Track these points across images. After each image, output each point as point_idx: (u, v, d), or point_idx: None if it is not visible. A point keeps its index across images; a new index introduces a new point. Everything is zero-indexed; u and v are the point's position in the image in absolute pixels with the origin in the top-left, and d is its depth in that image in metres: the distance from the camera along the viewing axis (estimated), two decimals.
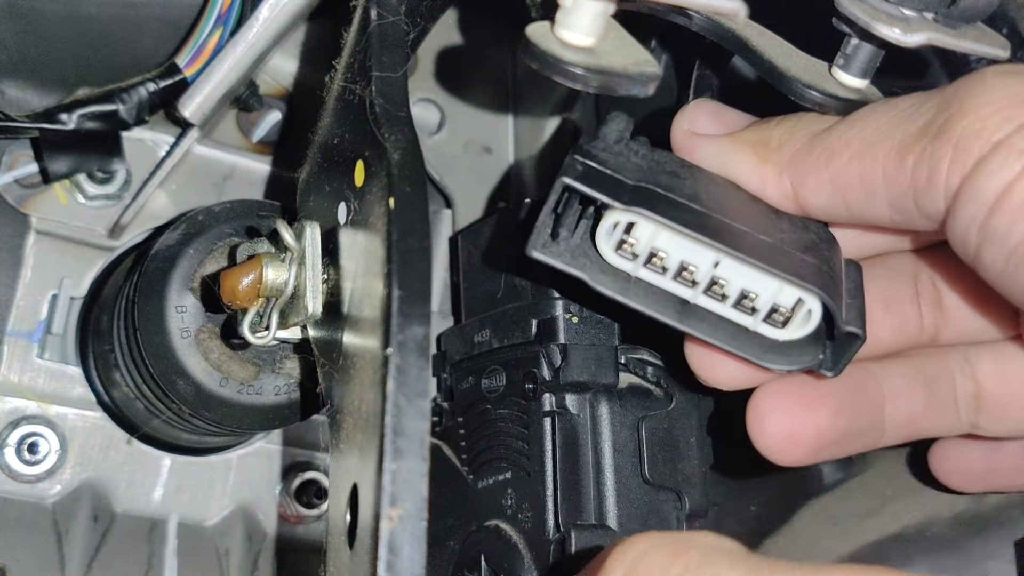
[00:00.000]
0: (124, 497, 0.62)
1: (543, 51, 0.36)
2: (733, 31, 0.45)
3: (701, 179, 0.43)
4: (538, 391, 0.52)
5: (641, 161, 0.43)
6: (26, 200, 0.61)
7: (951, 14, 0.42)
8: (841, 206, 0.40)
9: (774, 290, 0.41)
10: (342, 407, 0.42)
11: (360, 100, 0.43)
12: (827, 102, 0.43)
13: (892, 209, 0.39)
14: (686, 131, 0.44)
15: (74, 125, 0.57)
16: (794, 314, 0.42)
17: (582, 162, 0.41)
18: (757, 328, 0.42)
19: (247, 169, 0.66)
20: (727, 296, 0.42)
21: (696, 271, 0.41)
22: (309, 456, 0.67)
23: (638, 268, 0.42)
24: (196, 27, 0.57)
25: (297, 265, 0.47)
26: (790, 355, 0.43)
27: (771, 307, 0.41)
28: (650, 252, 0.41)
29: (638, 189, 0.41)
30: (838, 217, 0.41)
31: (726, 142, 0.43)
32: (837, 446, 0.44)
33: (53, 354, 0.62)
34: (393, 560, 0.33)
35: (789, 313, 0.42)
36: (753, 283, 0.41)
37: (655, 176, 0.42)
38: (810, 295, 0.41)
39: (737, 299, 0.42)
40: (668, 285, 0.42)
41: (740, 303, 0.42)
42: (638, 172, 0.42)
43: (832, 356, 0.42)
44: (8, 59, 0.60)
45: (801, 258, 0.41)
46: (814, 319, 0.41)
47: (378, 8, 0.44)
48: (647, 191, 0.41)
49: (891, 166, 0.38)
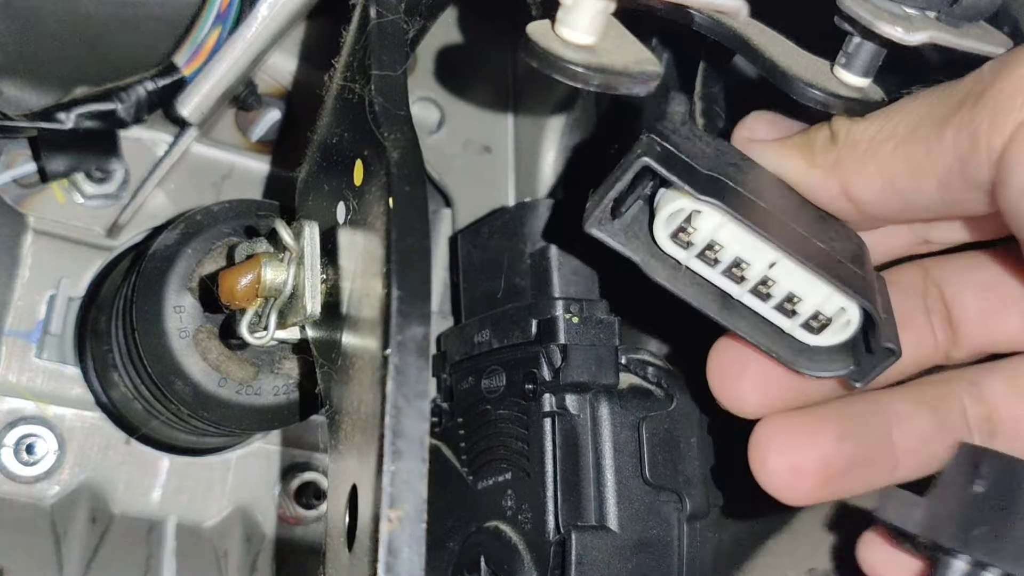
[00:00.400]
0: (122, 498, 0.62)
1: (544, 49, 0.36)
2: (734, 29, 0.45)
3: (761, 176, 0.43)
4: (538, 391, 0.52)
5: (707, 148, 0.42)
6: (24, 199, 0.61)
7: (953, 12, 0.41)
8: (892, 196, 0.39)
9: (822, 297, 0.41)
10: (341, 408, 0.42)
11: (359, 99, 0.43)
12: (829, 101, 0.43)
13: (941, 188, 0.37)
14: (743, 138, 0.44)
15: (72, 124, 0.57)
16: (833, 322, 0.41)
17: (659, 143, 0.40)
18: (793, 331, 0.42)
19: (246, 168, 0.66)
20: (771, 296, 0.41)
21: (749, 268, 0.41)
22: (308, 457, 0.67)
23: (690, 258, 0.41)
24: (194, 26, 0.57)
25: (296, 265, 0.47)
26: (819, 361, 0.43)
27: (813, 312, 0.41)
28: (708, 243, 0.41)
29: (711, 179, 0.40)
30: (890, 209, 0.40)
31: (775, 146, 0.43)
32: (848, 477, 0.43)
33: (51, 354, 0.62)
34: (392, 561, 0.33)
35: (828, 320, 0.41)
36: (802, 287, 0.41)
37: (723, 166, 0.41)
38: (855, 306, 0.41)
39: (781, 301, 0.41)
40: (716, 278, 0.42)
41: (783, 305, 0.42)
42: (707, 160, 0.41)
43: (861, 368, 0.42)
44: (6, 58, 0.60)
45: (851, 268, 0.41)
46: (851, 329, 0.41)
47: (377, 6, 0.44)
48: (718, 181, 0.40)
49: (933, 142, 0.37)
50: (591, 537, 0.49)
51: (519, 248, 0.56)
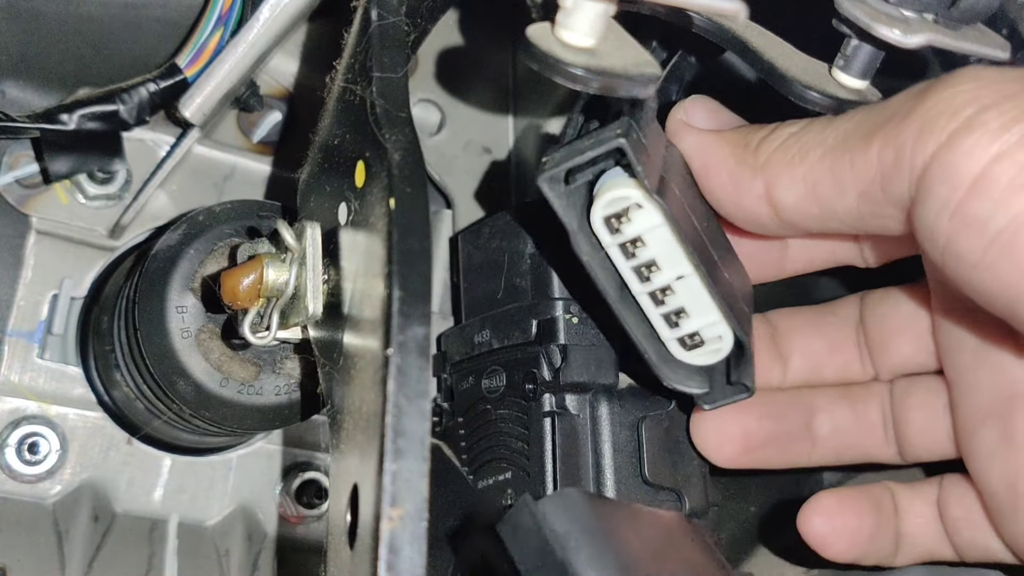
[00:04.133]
0: (124, 497, 0.62)
1: (543, 52, 0.36)
2: (733, 32, 0.45)
3: (696, 195, 0.45)
4: (538, 391, 0.52)
5: (663, 151, 0.44)
6: (27, 200, 0.61)
7: (951, 15, 0.42)
8: (812, 203, 0.40)
9: (708, 321, 0.44)
10: (342, 407, 0.43)
11: (361, 101, 0.43)
12: (827, 103, 0.43)
13: (861, 200, 0.38)
14: (680, 120, 0.45)
15: (75, 125, 0.57)
16: (705, 345, 0.44)
17: (637, 131, 0.41)
18: (668, 342, 0.45)
19: (247, 169, 0.66)
20: (664, 304, 0.44)
21: (658, 273, 0.43)
22: (309, 456, 0.67)
23: (612, 244, 0.43)
24: (197, 27, 0.57)
25: (298, 265, 0.47)
26: (679, 374, 0.46)
27: (693, 331, 0.44)
28: (635, 238, 0.43)
29: (664, 180, 0.42)
30: (808, 216, 0.41)
31: (710, 136, 0.44)
32: (768, 449, 0.50)
33: (53, 354, 0.62)
34: (394, 560, 0.33)
35: (701, 342, 0.44)
36: (695, 306, 0.43)
37: (672, 174, 0.43)
38: (732, 338, 0.44)
39: (670, 312, 0.44)
40: (625, 271, 0.44)
41: (670, 315, 0.44)
42: (662, 162, 0.43)
43: (713, 393, 0.46)
44: (9, 59, 0.60)
45: (742, 306, 0.44)
46: (718, 356, 0.45)
47: (379, 9, 0.44)
48: (670, 188, 0.42)
49: (859, 153, 0.37)
50: None
51: (519, 248, 0.57)
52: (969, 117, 0.33)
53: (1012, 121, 0.33)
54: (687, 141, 0.45)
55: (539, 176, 0.43)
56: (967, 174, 0.33)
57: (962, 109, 0.34)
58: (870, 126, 0.37)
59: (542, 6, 0.42)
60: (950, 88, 0.35)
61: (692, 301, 0.43)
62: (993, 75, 0.35)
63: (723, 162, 0.43)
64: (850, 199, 0.38)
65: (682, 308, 0.43)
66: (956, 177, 0.33)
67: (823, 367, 0.50)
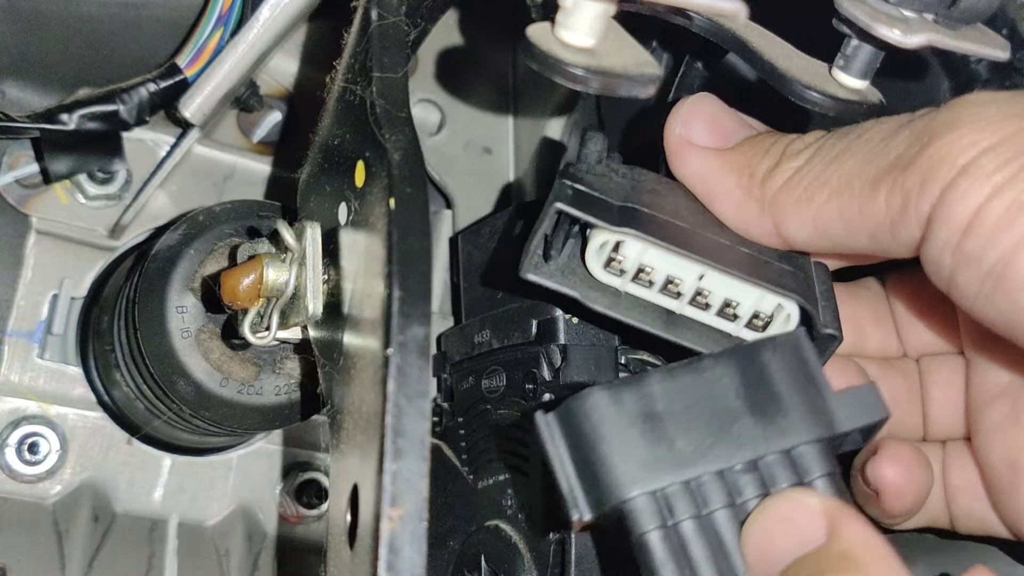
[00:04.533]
0: (124, 497, 0.62)
1: (543, 52, 0.36)
2: (733, 32, 0.45)
3: (680, 194, 0.44)
4: (538, 391, 0.52)
5: (623, 180, 0.44)
6: (27, 200, 0.61)
7: (951, 15, 0.42)
8: (824, 241, 0.41)
9: (756, 298, 0.43)
10: (342, 407, 0.43)
11: (361, 101, 0.43)
12: (827, 103, 0.43)
13: (872, 240, 0.39)
14: (679, 135, 0.44)
15: (75, 125, 0.57)
16: (774, 318, 0.43)
17: (571, 186, 0.42)
18: (739, 333, 0.44)
19: (247, 169, 0.66)
20: (711, 305, 0.43)
21: (682, 283, 0.43)
22: (309, 456, 0.67)
23: (626, 283, 0.43)
24: (197, 27, 0.57)
25: (298, 265, 0.47)
26: None
27: (752, 313, 0.43)
28: (638, 268, 0.43)
29: (624, 209, 0.42)
30: (821, 249, 0.42)
31: (715, 162, 0.44)
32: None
33: (53, 354, 0.62)
34: (394, 560, 0.33)
35: (769, 317, 0.43)
36: (735, 292, 0.43)
37: (638, 195, 0.43)
38: (789, 301, 0.43)
39: (720, 307, 0.43)
40: (655, 298, 0.44)
41: (723, 311, 0.43)
42: (622, 192, 0.43)
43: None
44: (9, 59, 0.60)
45: (779, 267, 0.43)
46: (792, 321, 0.43)
47: (379, 9, 0.44)
48: (633, 211, 0.42)
49: (866, 200, 0.38)
50: (590, 536, 0.49)
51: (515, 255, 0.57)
52: (965, 164, 0.36)
53: (1004, 163, 0.35)
54: (688, 167, 0.44)
55: (521, 271, 0.43)
56: (963, 216, 0.35)
57: (961, 155, 0.36)
58: (875, 170, 0.38)
59: (542, 6, 0.42)
60: (950, 132, 0.36)
61: (728, 290, 0.43)
62: (993, 113, 0.37)
63: (729, 194, 0.43)
64: (861, 239, 0.40)
65: (727, 300, 0.43)
66: (954, 220, 0.36)
67: (867, 339, 0.50)
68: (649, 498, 0.36)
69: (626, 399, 0.37)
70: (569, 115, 0.71)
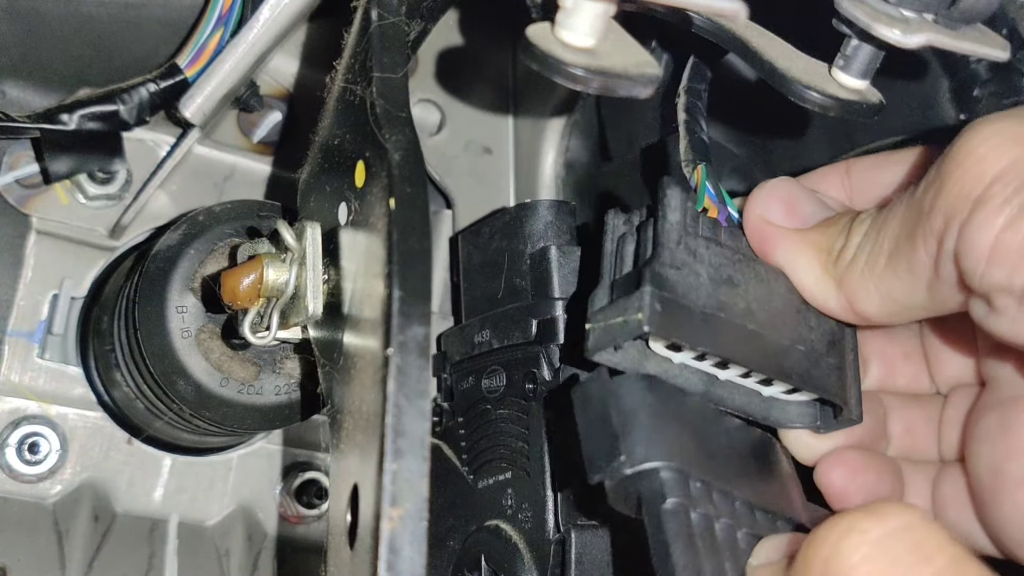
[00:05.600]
0: (125, 497, 0.62)
1: (543, 52, 0.36)
2: (733, 32, 0.45)
3: (751, 279, 0.44)
4: (538, 391, 0.52)
5: (702, 269, 0.43)
6: (27, 200, 0.61)
7: (951, 15, 0.42)
8: (892, 306, 0.42)
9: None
10: (342, 407, 0.43)
11: (361, 101, 0.43)
12: (827, 103, 0.43)
13: (930, 292, 0.40)
14: (758, 217, 0.45)
15: (75, 125, 0.57)
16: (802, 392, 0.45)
17: (659, 296, 0.40)
18: (771, 394, 0.45)
19: (248, 169, 0.66)
20: (751, 377, 0.44)
21: (732, 366, 0.43)
22: (309, 456, 0.67)
23: (683, 359, 0.43)
24: (197, 28, 0.57)
25: (298, 265, 0.47)
26: (792, 414, 0.46)
27: (788, 389, 0.45)
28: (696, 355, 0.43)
29: (704, 319, 0.41)
30: (892, 316, 0.43)
31: (794, 241, 0.45)
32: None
33: (54, 354, 0.62)
34: (394, 560, 0.33)
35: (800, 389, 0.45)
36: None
37: (717, 291, 0.42)
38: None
39: (761, 380, 0.44)
40: (705, 368, 0.44)
41: (763, 382, 0.44)
42: (703, 287, 0.42)
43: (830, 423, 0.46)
44: (9, 60, 0.60)
45: (827, 363, 0.44)
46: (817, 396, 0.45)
47: (379, 9, 0.44)
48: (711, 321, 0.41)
49: (911, 254, 0.40)
50: (590, 536, 0.49)
51: (519, 248, 0.57)
52: (977, 197, 0.37)
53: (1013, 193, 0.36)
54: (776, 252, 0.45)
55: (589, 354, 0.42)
56: (983, 247, 0.37)
57: (973, 189, 0.37)
58: (911, 225, 0.40)
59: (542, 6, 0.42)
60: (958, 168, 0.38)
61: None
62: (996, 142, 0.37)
63: (807, 270, 0.44)
64: (921, 293, 0.41)
65: (767, 379, 0.44)
66: (975, 252, 0.37)
67: (897, 374, 0.51)
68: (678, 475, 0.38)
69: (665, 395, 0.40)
70: (569, 115, 0.71)
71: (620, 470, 0.37)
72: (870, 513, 0.35)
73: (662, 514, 0.37)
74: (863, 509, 0.35)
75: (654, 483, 0.37)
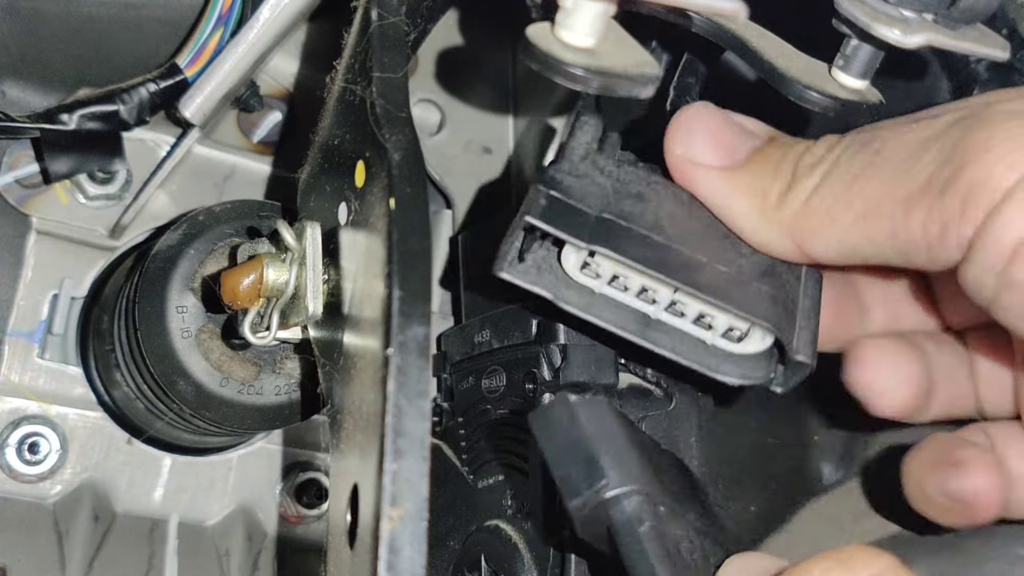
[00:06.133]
0: (125, 497, 0.62)
1: (543, 52, 0.36)
2: (733, 32, 0.45)
3: (666, 199, 0.43)
4: (538, 391, 0.52)
5: (606, 180, 0.43)
6: (27, 200, 0.61)
7: (951, 15, 0.42)
8: (852, 257, 0.40)
9: (729, 317, 0.42)
10: (343, 407, 0.43)
11: (361, 101, 0.43)
12: (827, 103, 0.43)
13: (904, 258, 0.39)
14: (680, 156, 0.43)
15: (75, 125, 0.57)
16: (750, 334, 0.43)
17: (546, 194, 0.41)
18: (715, 342, 0.43)
19: (248, 169, 0.66)
20: (686, 315, 0.43)
21: (656, 293, 0.42)
22: (309, 456, 0.67)
23: (602, 286, 0.43)
24: (197, 28, 0.57)
25: (298, 265, 0.47)
26: (744, 367, 0.44)
27: (727, 327, 0.43)
28: (613, 275, 0.42)
29: (600, 222, 0.41)
30: (847, 263, 0.41)
31: (725, 184, 0.42)
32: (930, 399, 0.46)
33: (54, 354, 0.62)
34: (394, 560, 0.33)
35: (744, 333, 0.43)
36: (709, 308, 0.42)
37: (619, 201, 0.42)
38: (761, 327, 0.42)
39: (695, 317, 0.43)
40: (631, 302, 0.43)
41: (698, 320, 0.43)
42: (602, 197, 0.42)
43: (784, 375, 0.43)
44: (9, 59, 0.60)
45: (757, 287, 0.42)
46: (768, 340, 0.43)
47: (379, 9, 0.44)
48: (608, 224, 0.41)
49: (899, 224, 0.38)
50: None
51: None
52: (1009, 188, 0.35)
53: None
54: (696, 190, 0.43)
55: (494, 270, 0.43)
56: (1009, 243, 0.35)
57: (1003, 179, 0.35)
58: (905, 192, 0.37)
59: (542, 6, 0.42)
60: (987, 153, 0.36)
61: (703, 306, 0.42)
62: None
63: (744, 215, 0.42)
64: (891, 257, 0.39)
65: (701, 312, 0.42)
66: (999, 246, 0.36)
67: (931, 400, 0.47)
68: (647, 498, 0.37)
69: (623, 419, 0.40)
70: (569, 115, 0.71)
71: (601, 493, 0.37)
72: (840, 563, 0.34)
73: (642, 538, 0.36)
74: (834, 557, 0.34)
75: (631, 506, 0.37)
